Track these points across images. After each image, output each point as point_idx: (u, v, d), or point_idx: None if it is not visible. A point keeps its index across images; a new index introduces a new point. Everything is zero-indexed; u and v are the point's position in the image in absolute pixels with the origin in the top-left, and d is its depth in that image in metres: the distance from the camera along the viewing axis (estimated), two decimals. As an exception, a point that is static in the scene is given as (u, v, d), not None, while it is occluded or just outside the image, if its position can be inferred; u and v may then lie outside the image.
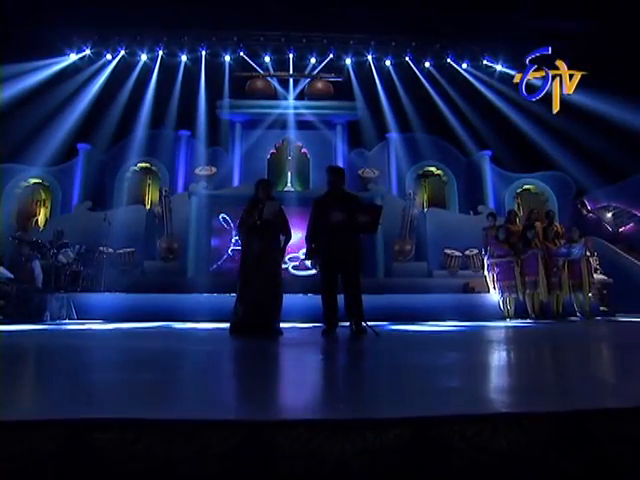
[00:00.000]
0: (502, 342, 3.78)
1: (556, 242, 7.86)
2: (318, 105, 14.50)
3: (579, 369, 2.13)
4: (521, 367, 2.28)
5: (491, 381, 1.67)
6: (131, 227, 11.45)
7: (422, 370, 1.98)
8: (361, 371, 2.04)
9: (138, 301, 7.67)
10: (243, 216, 4.56)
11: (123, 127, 13.62)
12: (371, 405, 1.16)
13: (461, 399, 1.25)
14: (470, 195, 14.42)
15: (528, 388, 1.45)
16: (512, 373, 1.99)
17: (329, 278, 4.62)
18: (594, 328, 5.95)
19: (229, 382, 1.68)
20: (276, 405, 1.17)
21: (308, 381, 1.62)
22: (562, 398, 1.28)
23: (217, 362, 2.46)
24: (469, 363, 2.37)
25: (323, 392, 1.43)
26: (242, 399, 1.33)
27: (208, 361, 2.48)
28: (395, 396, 1.35)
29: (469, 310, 7.80)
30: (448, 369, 2.06)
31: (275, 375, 1.83)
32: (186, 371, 1.98)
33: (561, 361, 2.56)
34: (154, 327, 5.83)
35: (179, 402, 1.26)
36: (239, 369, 2.16)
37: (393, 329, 5.48)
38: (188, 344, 3.60)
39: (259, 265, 4.34)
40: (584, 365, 2.30)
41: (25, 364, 2.46)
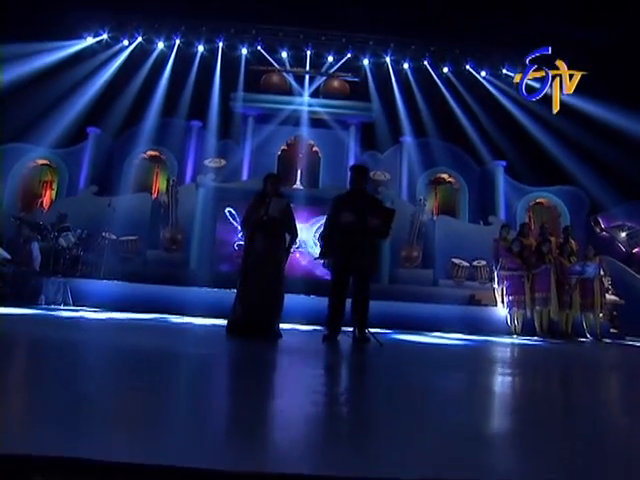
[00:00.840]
0: (509, 365, 3.55)
1: (570, 259, 7.60)
2: (333, 104, 14.29)
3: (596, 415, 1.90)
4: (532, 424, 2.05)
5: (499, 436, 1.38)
6: (136, 215, 11.29)
7: (425, 403, 1.76)
8: (361, 399, 1.82)
9: (137, 291, 7.50)
10: (248, 211, 4.36)
11: (134, 114, 13.47)
12: (368, 459, 0.92)
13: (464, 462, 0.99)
14: (481, 205, 14.15)
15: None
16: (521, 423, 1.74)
17: (340, 281, 4.42)
18: (605, 352, 5.70)
19: (211, 409, 1.43)
20: (259, 450, 0.93)
21: (301, 415, 1.40)
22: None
23: (204, 377, 2.15)
24: (476, 396, 2.14)
25: (316, 433, 1.20)
26: (222, 438, 1.08)
27: (194, 375, 2.18)
28: (396, 443, 1.12)
29: (475, 323, 7.56)
30: (454, 401, 1.85)
31: (266, 402, 1.59)
32: (166, 389, 1.72)
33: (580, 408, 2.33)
34: (150, 319, 5.65)
35: (143, 437, 1.00)
36: (227, 389, 1.90)
37: (397, 339, 5.26)
38: (179, 345, 3.36)
39: (261, 264, 4.14)
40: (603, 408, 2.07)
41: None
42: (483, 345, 5.37)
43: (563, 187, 13.93)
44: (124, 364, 2.31)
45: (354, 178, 4.56)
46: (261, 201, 4.37)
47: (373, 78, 15.42)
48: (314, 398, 1.63)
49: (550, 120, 13.83)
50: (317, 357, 3.12)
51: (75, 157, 13.00)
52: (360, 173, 4.62)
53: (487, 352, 4.65)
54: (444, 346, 4.82)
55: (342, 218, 3.71)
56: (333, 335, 4.34)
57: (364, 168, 4.72)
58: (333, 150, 14.39)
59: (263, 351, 3.23)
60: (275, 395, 1.77)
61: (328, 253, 4.41)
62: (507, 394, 2.14)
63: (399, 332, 6.33)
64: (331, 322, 4.41)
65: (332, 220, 4.45)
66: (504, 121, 14.61)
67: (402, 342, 4.90)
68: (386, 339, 4.99)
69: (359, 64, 15.43)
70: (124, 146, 13.64)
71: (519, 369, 3.19)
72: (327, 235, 4.50)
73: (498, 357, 4.10)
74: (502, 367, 3.30)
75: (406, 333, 6.19)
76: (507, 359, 3.87)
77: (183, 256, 11.10)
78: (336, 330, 4.40)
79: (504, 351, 4.82)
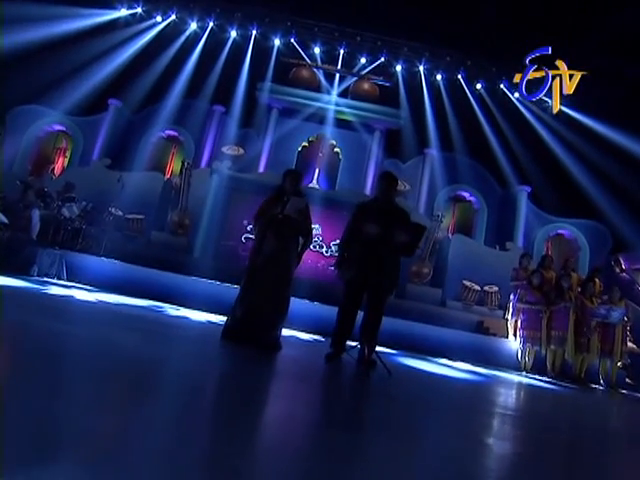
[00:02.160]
0: (514, 418, 3.15)
1: (593, 300, 7.16)
2: (361, 106, 13.92)
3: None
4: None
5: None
6: (145, 194, 10.99)
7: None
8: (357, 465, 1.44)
9: (135, 273, 7.18)
10: (263, 206, 3.99)
11: (158, 91, 13.19)
12: None
13: None
14: (499, 229, 13.70)
15: None
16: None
17: (353, 296, 4.03)
18: (621, 408, 5.27)
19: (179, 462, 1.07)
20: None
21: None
22: None
23: (171, 407, 1.72)
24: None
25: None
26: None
27: (170, 400, 1.80)
28: None
29: (484, 353, 7.15)
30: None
31: (248, 456, 1.22)
32: (131, 417, 1.36)
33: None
34: (143, 308, 5.31)
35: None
36: (204, 430, 1.52)
37: (403, 364, 4.86)
38: (163, 351, 2.92)
39: (270, 265, 3.77)
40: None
41: None
42: (491, 382, 4.97)
43: (586, 221, 13.44)
44: (101, 367, 1.95)
45: (383, 186, 4.17)
46: (278, 198, 4.00)
47: (404, 85, 15.04)
48: (303, 454, 1.25)
49: (581, 150, 13.39)
50: (315, 386, 2.72)
51: (92, 127, 12.73)
52: (390, 182, 4.23)
53: (495, 394, 4.26)
54: (454, 381, 4.43)
55: (366, 229, 3.33)
56: (337, 354, 3.97)
57: (395, 177, 4.33)
58: (355, 153, 14.02)
59: (256, 370, 2.84)
60: (259, 446, 1.40)
61: (345, 264, 4.02)
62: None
63: (405, 354, 5.94)
64: (337, 340, 4.03)
65: (353, 229, 4.08)
66: (533, 145, 14.17)
67: (409, 370, 4.51)
68: (392, 363, 4.60)
69: (392, 70, 15.06)
70: (143, 122, 13.35)
71: (524, 425, 2.79)
72: (346, 244, 4.12)
73: (505, 403, 3.70)
74: (507, 420, 2.89)
75: (412, 357, 5.80)
76: (513, 407, 3.48)
77: (188, 242, 10.77)
78: (341, 349, 4.02)
79: (511, 394, 4.43)
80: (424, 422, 2.25)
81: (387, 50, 14.97)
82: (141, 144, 13.23)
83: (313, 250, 11.13)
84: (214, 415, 1.65)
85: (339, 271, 4.11)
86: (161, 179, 11.67)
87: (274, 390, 2.43)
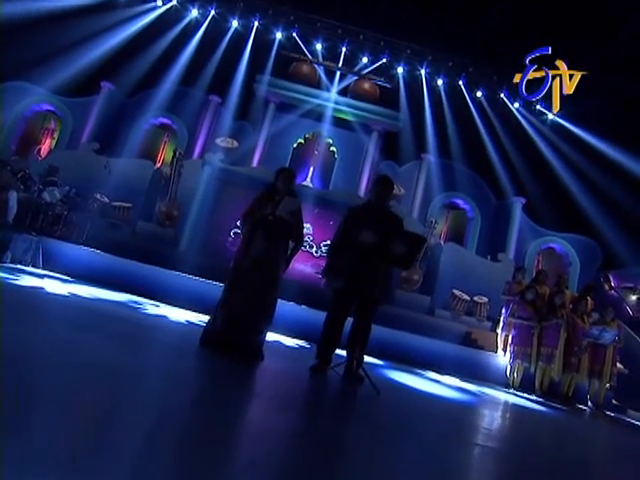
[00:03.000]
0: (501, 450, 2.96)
1: (584, 318, 7.02)
2: (360, 106, 13.69)
3: None
4: None
5: None
6: (133, 182, 10.66)
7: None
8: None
9: (116, 264, 6.87)
10: (253, 205, 3.73)
11: (153, 76, 12.82)
12: None
13: None
14: (492, 239, 13.58)
15: None
16: None
17: (341, 307, 3.81)
18: (611, 434, 5.12)
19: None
20: None
21: None
22: None
23: (142, 433, 1.54)
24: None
25: None
26: None
27: (131, 426, 1.56)
28: None
29: (472, 367, 6.98)
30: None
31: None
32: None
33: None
34: (120, 303, 5.02)
35: None
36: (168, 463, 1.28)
37: (390, 379, 4.64)
38: (131, 358, 2.60)
39: (256, 269, 3.51)
40: None
41: None
42: (479, 404, 4.80)
43: (578, 236, 13.37)
44: (50, 381, 1.69)
45: (379, 191, 3.94)
46: (270, 197, 3.75)
47: (405, 87, 14.85)
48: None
49: (578, 164, 13.33)
50: (296, 414, 2.44)
51: (83, 109, 12.33)
52: (387, 186, 4.01)
53: (481, 418, 4.08)
54: (442, 402, 4.23)
55: (361, 237, 3.09)
56: (323, 367, 3.74)
57: (392, 182, 4.10)
58: (351, 153, 13.80)
59: (230, 393, 2.56)
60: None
61: (334, 272, 3.79)
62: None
63: (392, 366, 5.73)
64: (323, 351, 3.80)
65: (344, 234, 3.84)
66: (530, 157, 14.07)
67: (397, 387, 4.29)
68: (380, 378, 4.39)
69: (393, 71, 14.86)
70: (136, 108, 12.97)
71: (506, 462, 2.60)
72: (336, 250, 3.88)
73: (490, 431, 3.52)
74: (489, 456, 2.69)
75: (400, 369, 5.59)
76: (498, 436, 3.30)
77: (175, 234, 10.45)
78: (327, 361, 3.80)
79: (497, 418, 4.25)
80: (408, 458, 2.04)
81: (389, 51, 14.78)
82: (132, 130, 12.86)
83: (303, 250, 10.87)
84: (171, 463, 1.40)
85: (327, 279, 3.88)
86: (151, 167, 11.33)
87: (246, 416, 2.18)
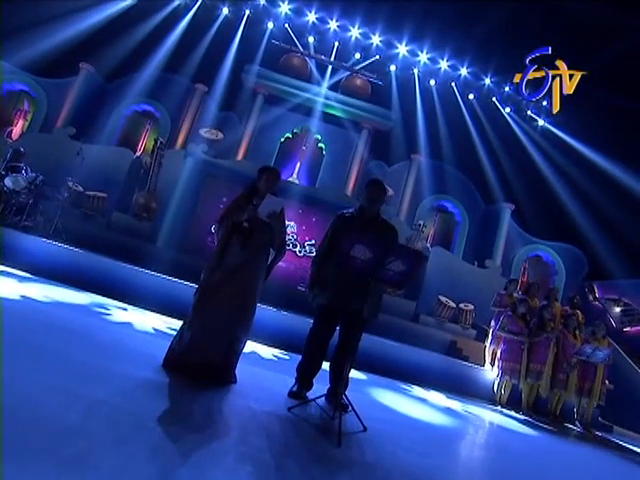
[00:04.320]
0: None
1: (576, 334, 6.79)
2: (351, 102, 13.29)
3: None
4: None
5: None
6: (110, 170, 10.11)
7: None
8: None
9: (84, 260, 6.35)
10: (231, 207, 3.31)
11: (136, 60, 12.20)
12: None
13: None
14: (479, 244, 13.38)
15: None
16: None
17: (326, 325, 3.44)
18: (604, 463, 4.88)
19: None
20: None
21: None
22: None
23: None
24: None
25: None
26: None
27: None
28: None
29: (457, 381, 6.68)
30: None
31: None
32: None
33: None
34: (81, 307, 4.55)
35: None
36: None
37: (377, 403, 4.29)
38: (68, 394, 2.12)
39: (231, 282, 3.11)
40: None
41: None
42: (466, 429, 4.50)
43: (565, 245, 13.25)
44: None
45: (373, 197, 3.56)
46: (250, 198, 3.34)
47: (397, 86, 14.52)
48: None
49: (569, 173, 13.22)
50: (265, 459, 2.07)
51: (59, 91, 11.65)
52: (381, 192, 3.64)
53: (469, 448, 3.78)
54: (430, 430, 3.90)
55: (354, 252, 2.72)
56: (303, 392, 3.36)
57: (385, 187, 3.73)
58: (339, 150, 13.42)
59: (188, 437, 2.17)
60: None
61: (319, 286, 3.41)
62: None
63: (377, 382, 5.39)
64: (303, 375, 3.43)
65: (332, 244, 3.46)
66: (521, 163, 13.91)
67: (382, 414, 3.93)
68: (364, 400, 4.04)
69: (386, 69, 14.50)
70: (117, 92, 12.35)
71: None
72: (322, 261, 3.50)
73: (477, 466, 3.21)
74: None
75: (385, 385, 5.25)
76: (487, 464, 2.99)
77: (152, 228, 9.92)
78: (307, 386, 3.42)
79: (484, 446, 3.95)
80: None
81: (383, 48, 14.43)
82: (112, 116, 12.25)
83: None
84: None
85: (311, 293, 3.49)
86: (130, 156, 10.75)
87: (203, 469, 1.79)
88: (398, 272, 2.76)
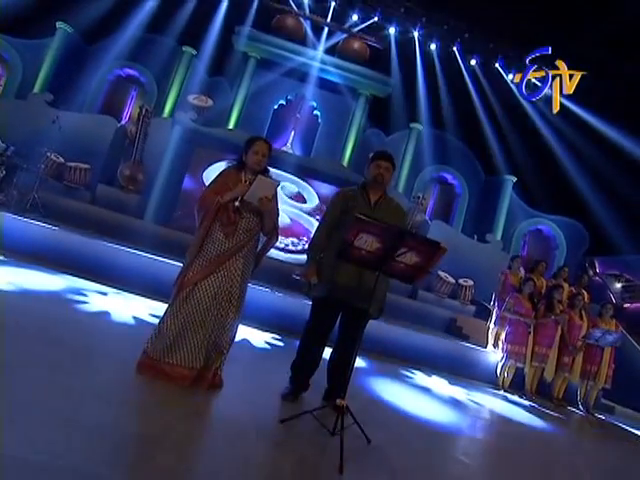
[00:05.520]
0: None
1: (582, 314, 6.50)
2: (348, 67, 12.56)
3: None
4: None
5: None
6: (93, 140, 9.49)
7: None
8: None
9: (62, 238, 5.89)
10: (213, 188, 2.84)
11: (119, 18, 11.34)
12: None
13: None
14: (479, 218, 12.99)
15: None
16: None
17: (323, 323, 3.04)
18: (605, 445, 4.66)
19: None
20: None
21: None
22: None
23: None
24: None
25: None
26: None
27: None
28: None
29: (459, 363, 6.42)
30: None
31: None
32: None
33: None
34: (55, 294, 4.14)
35: None
36: None
37: (379, 398, 3.97)
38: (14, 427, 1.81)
39: (214, 274, 2.69)
40: None
41: None
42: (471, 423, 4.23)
43: (566, 219, 12.91)
44: None
45: (380, 173, 3.05)
46: (235, 176, 2.88)
47: (397, 51, 13.75)
48: None
49: (573, 143, 12.72)
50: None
51: (35, 53, 10.84)
52: (390, 165, 3.12)
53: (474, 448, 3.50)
54: (435, 429, 3.60)
55: (359, 242, 2.28)
56: (297, 394, 3.02)
57: (393, 160, 3.22)
58: (335, 118, 12.79)
59: (157, 446, 1.83)
60: None
61: (316, 275, 3.00)
62: None
63: (377, 370, 5.09)
64: (298, 374, 3.07)
65: (331, 224, 3.04)
66: (524, 133, 13.37)
67: (385, 412, 3.62)
68: (364, 395, 3.72)
69: (385, 32, 13.68)
70: (98, 55, 11.53)
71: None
72: (318, 245, 3.07)
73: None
74: None
75: (386, 375, 4.94)
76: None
77: (140, 201, 9.40)
78: (303, 387, 3.07)
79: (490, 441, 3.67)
80: None
81: (381, 9, 13.57)
82: (94, 81, 11.49)
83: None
84: None
85: (306, 283, 3.08)
86: (113, 124, 10.09)
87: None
88: (411, 265, 2.36)
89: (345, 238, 2.39)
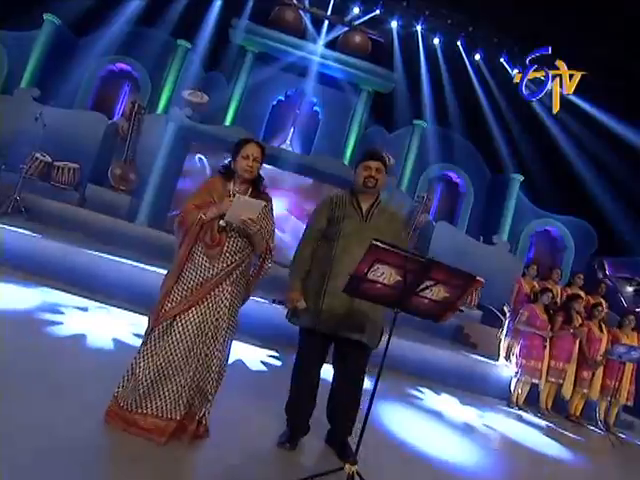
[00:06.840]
0: None
1: (601, 326, 6.09)
2: (349, 62, 12.08)
3: None
4: None
5: None
6: (82, 138, 9.05)
7: None
8: None
9: (43, 246, 5.46)
10: (195, 201, 2.39)
11: (109, 11, 10.86)
12: None
13: None
14: (484, 218, 12.59)
15: None
16: None
17: (311, 357, 2.61)
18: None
19: None
20: None
21: None
22: None
23: None
24: None
25: None
26: None
27: None
28: None
29: (469, 378, 6.00)
30: None
31: None
32: None
33: None
34: (24, 313, 3.70)
35: None
36: None
37: (386, 432, 3.56)
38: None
39: (196, 306, 2.27)
40: None
41: None
42: (494, 456, 3.82)
43: (575, 219, 12.49)
44: None
45: (371, 174, 2.58)
46: (222, 187, 2.45)
47: (399, 45, 13.29)
48: None
49: (581, 140, 12.28)
50: None
51: (22, 46, 10.35)
52: (382, 165, 2.63)
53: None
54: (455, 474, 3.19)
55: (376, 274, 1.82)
56: (295, 440, 2.59)
57: (385, 160, 2.76)
58: (337, 114, 12.33)
59: None
60: None
61: (301, 297, 2.55)
62: None
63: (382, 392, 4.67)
64: (294, 417, 2.64)
65: (314, 234, 2.60)
66: (531, 130, 12.92)
67: (393, 452, 3.21)
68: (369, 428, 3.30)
69: (387, 26, 13.20)
70: (89, 49, 11.06)
71: None
72: (302, 260, 2.63)
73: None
74: None
75: (392, 398, 4.52)
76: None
77: (132, 202, 8.97)
78: (302, 431, 2.65)
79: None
80: None
81: (383, 2, 13.08)
82: (84, 76, 11.03)
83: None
84: None
85: (289, 309, 2.64)
86: (104, 121, 9.63)
87: None
88: (438, 301, 1.94)
89: (357, 270, 1.96)
